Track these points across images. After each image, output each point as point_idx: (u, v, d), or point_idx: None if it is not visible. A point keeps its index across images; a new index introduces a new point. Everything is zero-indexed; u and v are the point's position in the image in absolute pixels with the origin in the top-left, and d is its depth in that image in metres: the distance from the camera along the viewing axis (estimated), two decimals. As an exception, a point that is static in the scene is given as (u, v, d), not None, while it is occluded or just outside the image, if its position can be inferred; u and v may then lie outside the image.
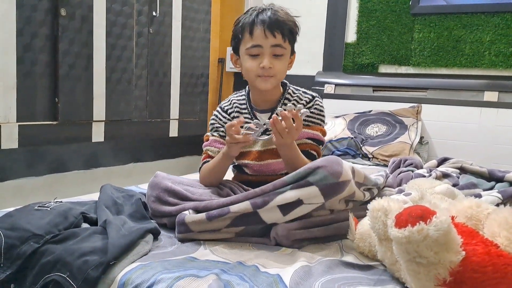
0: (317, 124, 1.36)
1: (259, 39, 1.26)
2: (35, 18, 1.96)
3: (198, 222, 1.09)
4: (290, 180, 1.09)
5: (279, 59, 1.29)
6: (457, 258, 0.82)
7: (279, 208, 1.07)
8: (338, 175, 1.07)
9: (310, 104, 1.37)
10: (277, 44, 1.26)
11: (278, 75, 1.30)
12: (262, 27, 1.25)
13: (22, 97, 1.95)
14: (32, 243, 0.92)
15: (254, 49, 1.27)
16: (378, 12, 2.93)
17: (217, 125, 1.41)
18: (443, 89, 2.72)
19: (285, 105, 1.33)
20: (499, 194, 1.45)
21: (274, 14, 1.26)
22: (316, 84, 3.05)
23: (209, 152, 1.38)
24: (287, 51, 1.30)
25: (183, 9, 2.75)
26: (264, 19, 1.25)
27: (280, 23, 1.25)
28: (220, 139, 1.38)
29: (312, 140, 1.35)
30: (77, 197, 1.41)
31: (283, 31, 1.26)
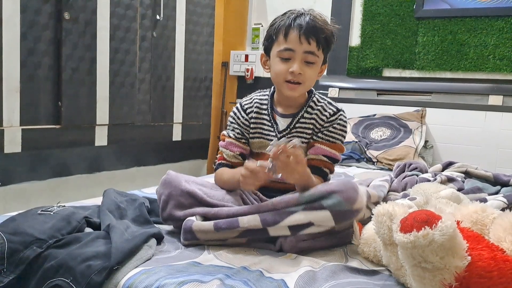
0: (337, 140, 1.29)
1: (293, 43, 1.21)
2: (38, 22, 1.96)
3: (205, 231, 1.08)
4: (304, 200, 1.07)
5: (310, 67, 1.24)
6: (463, 263, 0.81)
7: (288, 227, 1.06)
8: (353, 202, 1.07)
9: (333, 118, 1.29)
10: (310, 51, 1.21)
11: (307, 82, 1.25)
12: (298, 32, 1.20)
13: (25, 100, 1.96)
14: (35, 247, 0.92)
15: (286, 53, 1.23)
16: (382, 15, 2.93)
17: (234, 125, 1.36)
18: (448, 93, 2.71)
19: (307, 113, 1.30)
20: (504, 198, 1.45)
21: (313, 20, 1.21)
22: (320, 87, 3.05)
23: (224, 155, 1.35)
24: (319, 59, 1.24)
25: (186, 12, 2.76)
26: (301, 23, 1.20)
27: (317, 30, 1.20)
28: (236, 141, 1.34)
29: (328, 157, 1.28)
30: (80, 201, 1.41)
31: (319, 38, 1.21)
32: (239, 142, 1.35)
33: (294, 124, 1.30)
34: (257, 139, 1.35)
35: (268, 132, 1.33)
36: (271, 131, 1.33)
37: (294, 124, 1.30)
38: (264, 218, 1.07)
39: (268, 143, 1.32)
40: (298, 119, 1.30)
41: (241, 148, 1.35)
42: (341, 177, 2.12)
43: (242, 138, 1.35)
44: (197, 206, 1.16)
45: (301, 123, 1.30)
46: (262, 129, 1.34)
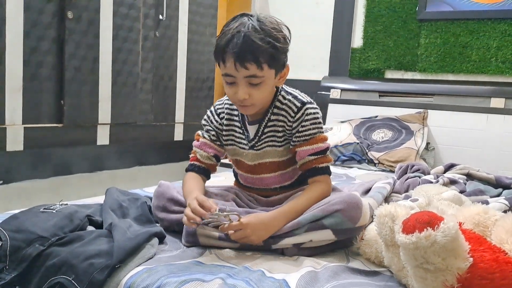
0: (314, 135, 1.21)
1: (231, 70, 1.11)
2: (42, 21, 1.97)
3: (208, 236, 1.08)
4: (305, 221, 1.07)
5: (257, 88, 1.13)
6: (465, 264, 0.81)
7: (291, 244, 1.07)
8: (356, 221, 1.07)
9: (299, 114, 1.20)
10: (250, 75, 1.11)
11: (258, 102, 1.16)
12: (232, 59, 1.09)
13: (28, 99, 1.96)
14: (37, 245, 0.92)
15: (228, 78, 1.14)
16: (385, 17, 2.93)
17: (207, 127, 1.32)
18: (450, 95, 2.70)
19: (274, 114, 1.23)
20: (506, 201, 1.45)
21: (246, 40, 1.08)
22: (322, 89, 3.05)
23: (197, 155, 1.30)
24: (266, 77, 1.13)
25: (189, 13, 2.76)
26: (234, 49, 1.08)
27: (253, 52, 1.08)
28: (210, 143, 1.30)
29: (315, 154, 1.21)
30: (82, 200, 1.41)
31: (258, 60, 1.09)
32: (213, 143, 1.30)
33: (262, 130, 1.25)
34: (231, 146, 1.31)
35: (240, 140, 1.29)
36: (242, 139, 1.28)
37: (262, 130, 1.25)
38: (267, 240, 1.07)
39: (241, 151, 1.29)
40: (265, 124, 1.24)
41: (215, 150, 1.30)
42: (342, 179, 2.12)
43: (217, 141, 1.31)
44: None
45: (269, 127, 1.24)
46: (234, 136, 1.30)
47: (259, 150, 1.26)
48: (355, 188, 1.53)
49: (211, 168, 1.32)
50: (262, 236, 1.06)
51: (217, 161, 1.32)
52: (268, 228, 1.07)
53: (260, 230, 1.05)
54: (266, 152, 1.26)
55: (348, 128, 2.73)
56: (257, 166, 1.29)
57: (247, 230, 1.03)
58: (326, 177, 1.22)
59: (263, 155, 1.27)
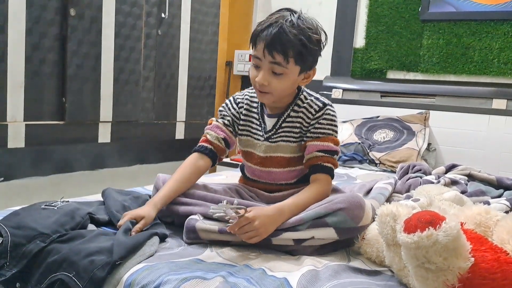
0: (328, 134, 1.25)
1: (260, 53, 1.17)
2: (44, 17, 1.97)
3: (208, 231, 1.08)
4: (308, 218, 1.07)
5: (278, 78, 1.18)
6: (466, 264, 0.81)
7: (292, 239, 1.07)
8: (358, 220, 1.07)
9: (320, 113, 1.25)
10: (276, 62, 1.16)
11: (275, 93, 1.21)
12: (263, 44, 1.15)
13: (30, 96, 1.96)
14: (38, 242, 0.92)
15: (255, 60, 1.20)
16: (387, 17, 2.92)
17: (224, 113, 1.35)
18: (452, 96, 2.70)
19: (294, 111, 1.27)
20: (507, 202, 1.45)
21: (280, 32, 1.13)
22: (324, 88, 3.04)
23: (208, 135, 1.32)
24: (290, 70, 1.17)
25: (192, 11, 2.76)
26: (267, 36, 1.14)
27: (284, 44, 1.14)
28: (222, 126, 1.32)
29: (323, 152, 1.23)
30: (83, 197, 1.41)
31: (286, 52, 1.14)
32: (226, 128, 1.32)
33: (280, 124, 1.28)
34: (245, 136, 1.34)
35: (256, 131, 1.32)
36: (258, 130, 1.31)
37: (280, 124, 1.28)
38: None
39: (254, 142, 1.31)
40: (284, 118, 1.28)
41: (226, 133, 1.32)
42: (343, 178, 2.11)
43: (230, 126, 1.33)
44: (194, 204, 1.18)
45: (288, 122, 1.28)
46: (251, 127, 1.33)
47: (273, 142, 1.29)
48: (356, 188, 1.53)
49: (219, 151, 1.32)
50: (268, 230, 1.05)
51: (226, 146, 1.33)
52: (275, 221, 1.07)
53: (266, 223, 1.05)
54: (279, 146, 1.29)
55: (349, 128, 2.73)
56: (268, 159, 1.31)
57: (255, 222, 1.03)
58: (328, 177, 1.23)
59: (275, 148, 1.29)
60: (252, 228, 1.03)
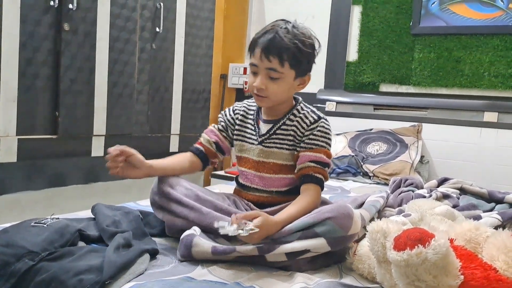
0: (321, 146, 1.28)
1: (256, 59, 1.24)
2: (38, 32, 1.97)
3: (202, 252, 1.08)
4: (297, 228, 1.08)
5: (275, 82, 1.24)
6: (456, 282, 0.81)
7: (285, 254, 1.06)
8: (347, 229, 1.07)
9: (314, 126, 1.29)
10: (271, 67, 1.22)
11: (273, 97, 1.26)
12: (260, 49, 1.23)
13: (23, 110, 1.96)
14: (27, 260, 0.91)
15: (252, 67, 1.27)
16: (379, 32, 2.95)
17: (220, 119, 1.43)
18: (444, 109, 2.73)
19: (289, 120, 1.31)
20: (499, 216, 1.45)
21: (275, 37, 1.21)
22: (318, 101, 3.06)
23: (201, 138, 1.41)
24: (285, 75, 1.24)
25: (186, 25, 2.78)
26: (264, 41, 1.22)
27: (278, 48, 1.20)
28: (216, 130, 1.41)
29: (315, 162, 1.26)
30: (75, 213, 1.40)
31: (281, 56, 1.21)
32: (219, 132, 1.40)
33: (274, 130, 1.32)
34: (239, 141, 1.39)
35: (250, 135, 1.36)
36: (253, 135, 1.35)
37: (274, 130, 1.32)
38: (260, 245, 1.07)
39: (248, 146, 1.35)
40: (279, 125, 1.32)
41: (219, 138, 1.39)
42: (337, 191, 2.12)
43: (223, 132, 1.40)
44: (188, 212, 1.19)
45: (282, 129, 1.32)
46: (245, 132, 1.38)
47: (266, 147, 1.32)
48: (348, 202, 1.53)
49: (210, 154, 1.39)
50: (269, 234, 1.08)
51: (218, 150, 1.39)
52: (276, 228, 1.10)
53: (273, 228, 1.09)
54: (272, 152, 1.32)
55: (343, 140, 2.74)
56: (261, 164, 1.33)
57: (263, 230, 1.06)
58: (318, 188, 1.26)
59: (269, 154, 1.32)
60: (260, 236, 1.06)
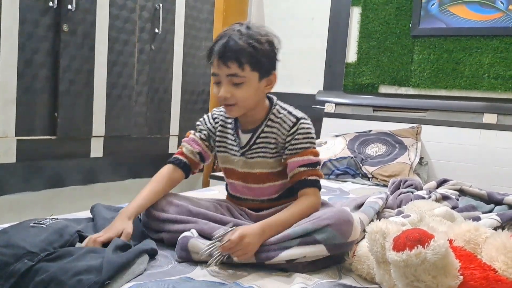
0: (306, 148, 1.24)
1: (216, 68, 1.19)
2: (37, 33, 1.97)
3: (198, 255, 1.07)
4: (296, 234, 1.07)
5: (240, 87, 1.19)
6: (455, 282, 0.81)
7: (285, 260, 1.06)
8: (347, 236, 1.07)
9: (294, 129, 1.24)
10: (232, 73, 1.17)
11: (241, 103, 1.21)
12: (216, 57, 1.18)
13: (21, 111, 1.96)
14: (26, 260, 0.91)
15: (214, 77, 1.21)
16: (379, 33, 2.96)
17: (201, 127, 1.37)
18: (443, 111, 2.73)
19: (268, 126, 1.27)
20: (498, 217, 1.45)
21: (229, 41, 1.16)
22: (317, 103, 3.06)
23: (183, 148, 1.34)
24: (248, 78, 1.18)
25: (185, 26, 2.78)
26: (219, 48, 1.17)
27: (234, 51, 1.15)
28: (198, 140, 1.34)
29: (305, 166, 1.23)
30: (74, 213, 1.40)
31: (239, 59, 1.15)
32: (202, 142, 1.35)
33: (254, 140, 1.28)
34: (222, 153, 1.35)
35: (232, 146, 1.32)
36: (234, 146, 1.31)
37: (254, 140, 1.28)
38: (258, 254, 1.06)
39: (231, 158, 1.32)
40: (258, 134, 1.28)
41: (201, 148, 1.34)
42: (336, 193, 2.12)
43: (206, 141, 1.35)
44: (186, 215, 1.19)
45: (262, 138, 1.27)
46: (227, 143, 1.33)
47: (250, 159, 1.29)
48: (347, 203, 1.53)
49: (193, 165, 1.34)
50: (256, 247, 1.06)
51: (201, 160, 1.35)
52: (260, 237, 1.07)
53: (254, 240, 1.05)
54: (256, 162, 1.28)
55: (342, 142, 2.74)
56: (247, 175, 1.31)
57: (245, 240, 1.03)
58: (315, 190, 1.23)
59: (253, 165, 1.29)
60: (241, 246, 1.03)
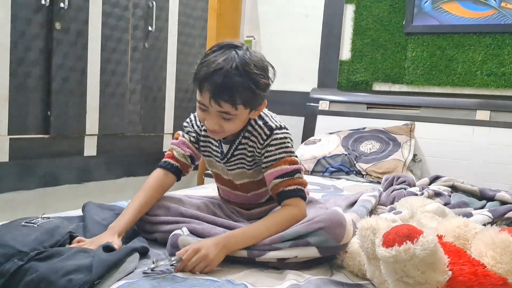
0: (279, 159, 1.19)
1: (206, 101, 1.11)
2: (29, 31, 1.96)
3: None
4: (289, 236, 1.06)
5: (229, 122, 1.14)
6: (444, 278, 0.82)
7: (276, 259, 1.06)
8: (340, 239, 1.06)
9: (267, 141, 1.20)
10: (223, 111, 1.11)
11: (228, 132, 1.18)
12: (208, 94, 1.09)
13: (14, 110, 1.95)
14: (16, 260, 0.90)
15: (201, 105, 1.14)
16: (372, 30, 2.96)
17: (189, 129, 1.33)
18: (436, 107, 2.74)
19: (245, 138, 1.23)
20: (489, 213, 1.46)
21: (225, 80, 1.06)
22: (311, 100, 3.07)
23: (174, 151, 1.30)
24: (239, 114, 1.13)
25: (179, 24, 2.77)
26: (212, 85, 1.07)
27: (230, 92, 1.07)
28: (189, 143, 1.31)
29: (280, 177, 1.18)
30: (66, 212, 1.39)
31: (234, 100, 1.08)
32: (192, 144, 1.31)
33: (232, 151, 1.26)
34: (208, 157, 1.33)
35: (215, 152, 1.30)
36: (218, 152, 1.29)
37: (232, 151, 1.26)
38: (250, 250, 1.06)
39: (216, 164, 1.30)
40: (236, 146, 1.25)
41: (192, 151, 1.31)
42: (330, 190, 2.12)
43: (196, 143, 1.32)
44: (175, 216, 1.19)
45: (239, 149, 1.25)
46: (211, 148, 1.31)
47: (230, 170, 1.28)
48: (340, 201, 1.53)
49: (185, 168, 1.31)
50: (219, 256, 1.02)
51: (192, 163, 1.32)
52: (224, 247, 1.03)
53: (213, 250, 1.01)
54: (236, 173, 1.28)
55: (336, 139, 2.74)
56: (232, 183, 1.31)
57: (201, 252, 0.99)
58: (297, 200, 1.18)
59: (234, 175, 1.29)
60: (200, 258, 0.99)
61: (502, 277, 0.84)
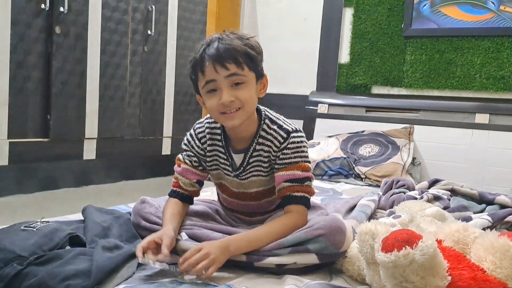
0: (293, 163, 1.18)
1: (211, 73, 1.10)
2: (29, 35, 1.97)
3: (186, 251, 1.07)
4: (289, 243, 1.05)
5: (241, 88, 1.12)
6: (443, 283, 0.82)
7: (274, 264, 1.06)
8: (340, 246, 1.06)
9: (284, 144, 1.18)
10: (231, 73, 1.10)
11: (246, 105, 1.13)
12: (211, 62, 1.09)
13: (14, 113, 1.95)
14: (15, 264, 0.90)
15: (208, 85, 1.12)
16: (371, 34, 2.97)
17: (189, 153, 1.28)
18: (435, 111, 2.74)
19: (259, 144, 1.21)
20: (489, 217, 1.45)
21: (222, 43, 1.10)
22: (310, 103, 3.07)
23: (180, 182, 1.26)
24: (248, 78, 1.13)
25: (178, 28, 2.78)
26: (212, 52, 1.09)
27: (230, 51, 1.09)
28: (192, 168, 1.26)
29: (290, 181, 1.17)
30: (66, 216, 1.39)
31: (237, 59, 1.10)
32: (196, 169, 1.26)
33: (247, 160, 1.22)
34: (215, 171, 1.29)
35: (224, 165, 1.26)
36: (227, 165, 1.25)
37: (247, 160, 1.22)
38: (249, 254, 1.06)
39: (226, 176, 1.27)
40: (251, 153, 1.21)
41: (197, 175, 1.27)
42: (329, 193, 2.12)
43: (199, 166, 1.27)
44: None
45: (255, 156, 1.22)
46: (219, 162, 1.27)
47: (244, 179, 1.25)
48: (339, 205, 1.53)
49: (194, 194, 1.28)
50: (220, 258, 1.01)
51: (200, 186, 1.29)
52: (225, 250, 1.03)
53: (215, 251, 1.00)
54: (251, 182, 1.25)
55: (335, 142, 2.74)
56: (242, 194, 1.29)
57: (203, 251, 0.99)
58: (300, 207, 1.17)
59: (248, 185, 1.26)
60: (202, 256, 0.99)
61: (502, 282, 0.84)
